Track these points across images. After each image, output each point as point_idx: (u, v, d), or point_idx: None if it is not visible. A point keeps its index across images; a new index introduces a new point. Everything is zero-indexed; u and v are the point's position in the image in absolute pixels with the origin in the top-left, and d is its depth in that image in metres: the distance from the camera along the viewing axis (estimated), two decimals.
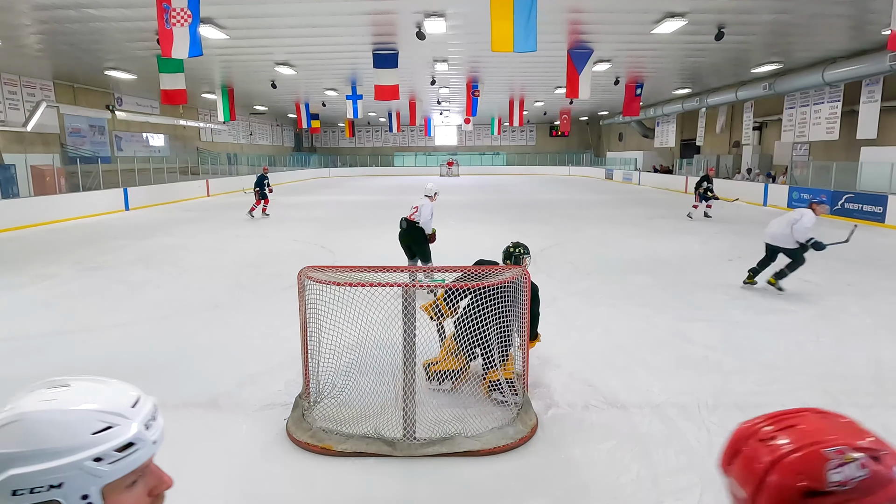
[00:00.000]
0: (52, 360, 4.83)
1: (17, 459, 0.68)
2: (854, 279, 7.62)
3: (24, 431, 0.69)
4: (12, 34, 11.45)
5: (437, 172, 39.38)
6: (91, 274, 8.27)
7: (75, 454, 0.70)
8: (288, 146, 41.05)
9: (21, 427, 0.70)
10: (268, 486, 3.03)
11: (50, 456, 0.69)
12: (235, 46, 12.77)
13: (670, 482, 3.00)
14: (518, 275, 3.71)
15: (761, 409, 3.21)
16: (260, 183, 14.82)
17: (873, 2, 9.33)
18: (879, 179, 13.83)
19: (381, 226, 13.45)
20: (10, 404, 0.73)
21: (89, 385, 0.77)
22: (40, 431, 0.70)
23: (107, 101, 20.25)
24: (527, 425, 3.50)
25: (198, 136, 27.82)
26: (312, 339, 3.61)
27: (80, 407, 0.73)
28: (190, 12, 7.91)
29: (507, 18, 8.21)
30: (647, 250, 9.94)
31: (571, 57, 12.81)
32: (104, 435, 0.72)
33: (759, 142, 21.46)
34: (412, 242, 6.84)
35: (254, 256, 9.53)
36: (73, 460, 0.70)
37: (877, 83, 13.61)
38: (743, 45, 13.05)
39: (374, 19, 10.71)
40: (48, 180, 15.20)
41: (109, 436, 0.72)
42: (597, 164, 38.34)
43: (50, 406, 0.72)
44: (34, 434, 0.69)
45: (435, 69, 16.27)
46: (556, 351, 4.85)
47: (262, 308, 6.37)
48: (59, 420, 0.71)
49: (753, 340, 5.21)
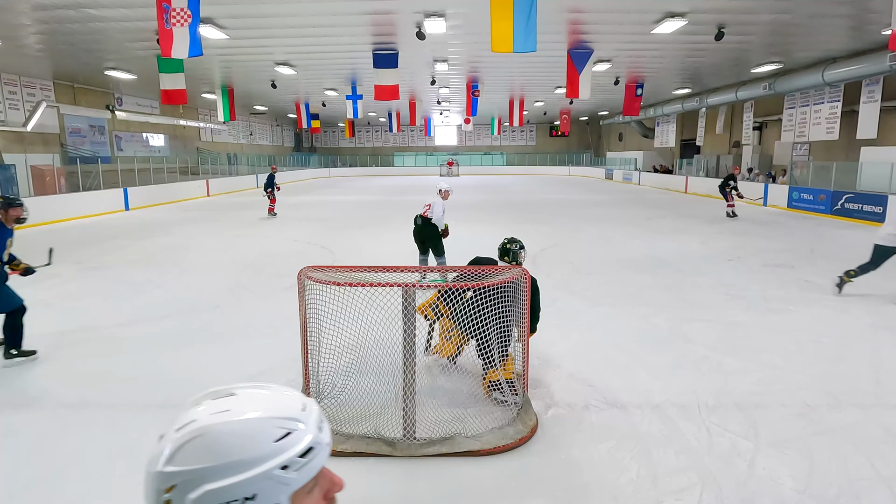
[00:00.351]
0: (53, 360, 4.83)
1: (210, 474, 0.67)
2: (854, 279, 7.60)
3: (210, 445, 0.68)
4: (12, 34, 11.45)
5: (437, 172, 39.39)
6: (91, 274, 8.27)
7: (264, 464, 0.68)
8: (288, 146, 41.06)
9: (206, 441, 0.68)
10: None
11: (240, 468, 0.67)
12: (235, 46, 12.78)
13: (670, 482, 3.00)
14: (518, 275, 3.72)
15: (761, 409, 3.22)
16: (270, 183, 15.17)
17: (873, 2, 9.33)
18: (879, 179, 13.83)
19: (381, 226, 13.47)
20: (183, 419, 0.71)
21: (255, 392, 0.76)
22: (226, 444, 0.68)
23: (107, 101, 20.25)
24: (527, 425, 3.50)
25: (198, 136, 27.82)
26: (312, 339, 3.61)
27: (257, 416, 0.71)
28: (190, 12, 7.91)
29: (507, 18, 8.21)
30: (647, 250, 9.94)
31: (571, 57, 12.81)
32: (286, 442, 0.71)
33: (759, 142, 21.47)
34: (426, 238, 7.19)
35: (254, 256, 9.53)
36: (262, 470, 0.68)
37: (877, 83, 13.61)
38: (743, 45, 13.05)
39: (374, 19, 10.71)
40: (48, 180, 15.21)
41: (290, 442, 0.71)
42: (597, 164, 38.35)
43: (227, 417, 0.70)
44: (221, 447, 0.68)
45: (435, 69, 16.28)
46: (556, 351, 4.85)
47: (262, 308, 6.37)
48: (241, 431, 0.69)
49: (753, 340, 5.21)
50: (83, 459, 3.25)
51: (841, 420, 3.68)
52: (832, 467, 3.12)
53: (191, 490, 0.67)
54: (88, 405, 3.97)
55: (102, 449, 3.36)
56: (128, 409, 3.91)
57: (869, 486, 2.96)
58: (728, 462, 3.18)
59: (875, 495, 2.89)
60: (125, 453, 3.30)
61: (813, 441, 3.39)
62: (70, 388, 4.26)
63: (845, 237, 11.56)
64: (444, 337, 4.23)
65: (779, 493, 2.91)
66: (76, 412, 3.86)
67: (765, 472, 3.07)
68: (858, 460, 3.19)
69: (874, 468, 3.11)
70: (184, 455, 0.68)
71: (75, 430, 3.59)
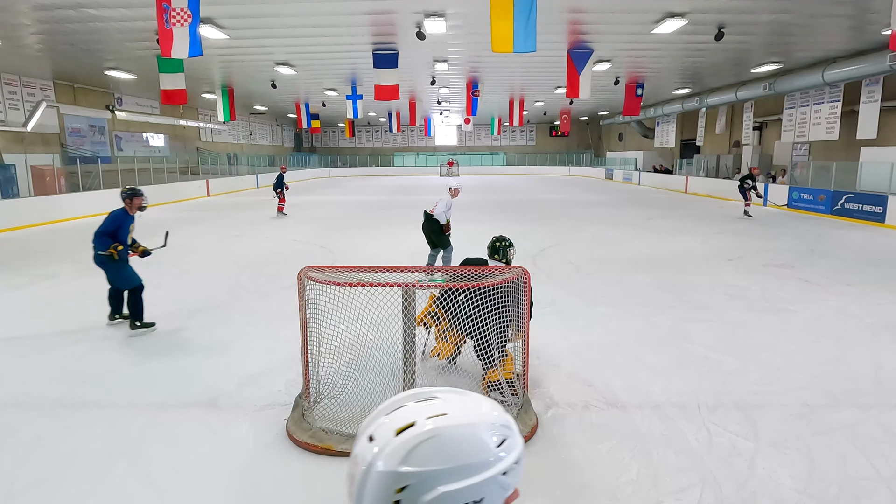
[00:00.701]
0: (53, 360, 4.83)
1: (444, 476, 0.68)
2: (854, 279, 7.62)
3: (443, 448, 0.69)
4: (12, 34, 11.44)
5: (437, 172, 39.40)
6: (91, 274, 8.23)
7: (491, 469, 0.70)
8: (288, 146, 41.05)
9: (438, 443, 0.69)
10: (268, 487, 3.03)
11: (472, 471, 0.69)
12: (235, 46, 12.77)
13: (670, 482, 3.00)
14: (517, 275, 3.71)
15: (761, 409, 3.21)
16: (279, 183, 15.40)
17: (873, 2, 9.33)
18: (879, 179, 13.83)
19: (381, 226, 13.47)
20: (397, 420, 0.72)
21: (458, 397, 0.77)
22: (458, 448, 0.70)
23: (107, 101, 20.24)
24: (527, 425, 3.50)
25: (198, 136, 27.82)
26: (312, 339, 3.61)
27: (478, 421, 0.73)
28: (190, 12, 7.90)
29: (507, 19, 8.20)
30: (647, 250, 9.94)
31: (571, 57, 12.81)
32: (504, 448, 0.72)
33: (759, 142, 21.46)
34: (430, 232, 7.56)
35: (254, 256, 9.53)
36: (490, 475, 0.70)
37: (877, 83, 13.61)
38: (743, 45, 13.05)
39: (374, 19, 10.71)
40: (48, 180, 15.21)
41: (508, 448, 0.72)
42: (597, 164, 38.34)
43: (451, 422, 0.72)
44: (453, 450, 0.69)
45: (435, 69, 16.27)
46: (556, 351, 4.85)
47: (262, 308, 6.37)
48: (469, 436, 0.71)
49: (753, 340, 5.21)
50: (83, 459, 3.25)
51: (841, 420, 3.68)
52: (832, 467, 3.12)
53: (425, 491, 0.68)
54: (88, 405, 3.97)
55: (102, 449, 3.36)
56: (128, 409, 3.91)
57: (869, 486, 2.96)
58: (728, 462, 3.17)
59: (875, 495, 2.89)
60: (125, 453, 3.30)
61: (813, 441, 3.39)
62: (70, 388, 4.25)
63: (845, 237, 11.56)
64: (441, 338, 4.22)
65: (779, 493, 2.91)
66: (76, 412, 3.86)
67: (765, 472, 3.07)
68: (858, 460, 3.19)
69: (874, 468, 3.11)
70: (419, 456, 0.69)
71: (75, 430, 3.59)
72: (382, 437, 0.71)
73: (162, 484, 3.02)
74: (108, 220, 5.44)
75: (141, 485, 3.02)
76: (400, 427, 0.71)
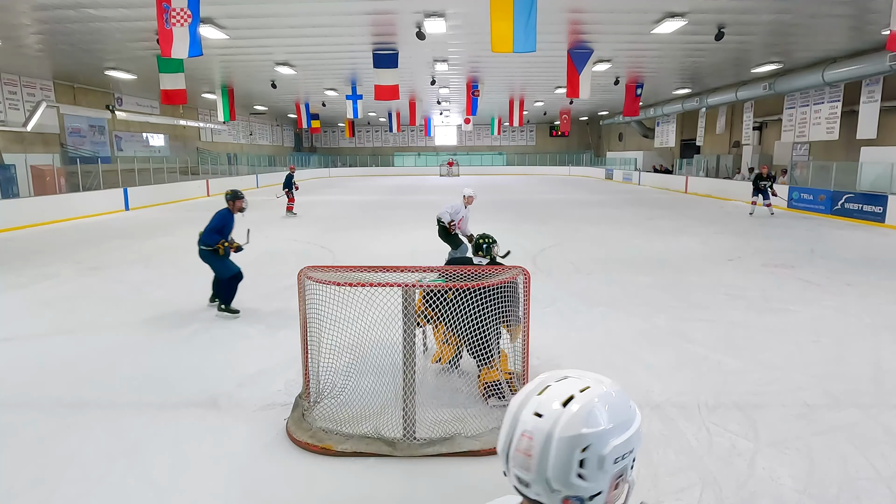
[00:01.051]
0: (53, 360, 4.83)
1: (614, 433, 0.84)
2: (854, 279, 7.62)
3: (608, 410, 0.85)
4: (12, 34, 11.44)
5: (437, 172, 39.39)
6: (91, 274, 8.27)
7: (636, 424, 0.88)
8: (288, 146, 41.05)
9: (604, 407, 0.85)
10: (268, 486, 3.03)
11: (628, 426, 0.86)
12: (235, 46, 12.77)
13: (670, 482, 3.00)
14: (516, 274, 3.71)
15: (761, 409, 3.21)
16: (288, 183, 15.55)
17: (873, 2, 9.33)
18: (879, 179, 13.84)
19: (381, 226, 13.47)
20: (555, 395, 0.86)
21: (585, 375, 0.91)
22: (616, 408, 0.86)
23: (107, 101, 20.24)
24: None
25: (198, 136, 27.82)
26: (312, 339, 3.60)
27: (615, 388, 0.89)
28: (190, 12, 7.90)
29: (507, 19, 8.20)
30: (647, 250, 9.94)
31: (571, 57, 12.81)
32: (634, 406, 0.90)
33: (759, 142, 21.46)
34: (440, 234, 7.88)
35: (254, 256, 9.51)
36: (637, 428, 0.88)
37: (877, 83, 13.61)
38: (743, 45, 13.05)
39: (374, 19, 10.70)
40: (48, 180, 15.21)
41: (635, 407, 0.91)
42: (597, 164, 38.33)
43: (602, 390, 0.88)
44: (614, 411, 0.86)
45: (435, 69, 16.27)
46: (556, 351, 4.85)
47: (262, 308, 6.37)
48: (619, 399, 0.88)
49: (753, 340, 5.21)
50: (83, 459, 3.25)
51: (841, 420, 3.68)
52: (832, 467, 3.12)
53: (602, 447, 0.83)
54: (88, 405, 3.97)
55: (102, 449, 3.36)
56: (128, 409, 3.91)
57: (869, 486, 2.96)
58: (728, 462, 3.17)
59: (875, 495, 2.89)
60: (125, 453, 3.30)
61: (813, 441, 3.39)
62: (70, 388, 4.25)
63: (845, 237, 11.56)
64: (441, 341, 4.19)
65: (779, 492, 2.91)
66: (76, 412, 3.85)
67: (765, 472, 3.07)
68: (858, 460, 3.19)
69: (874, 468, 3.11)
70: (594, 419, 0.84)
71: (75, 430, 3.59)
72: (551, 411, 0.84)
73: (162, 484, 3.02)
74: (216, 219, 5.96)
75: (141, 485, 3.02)
76: (563, 400, 0.85)
